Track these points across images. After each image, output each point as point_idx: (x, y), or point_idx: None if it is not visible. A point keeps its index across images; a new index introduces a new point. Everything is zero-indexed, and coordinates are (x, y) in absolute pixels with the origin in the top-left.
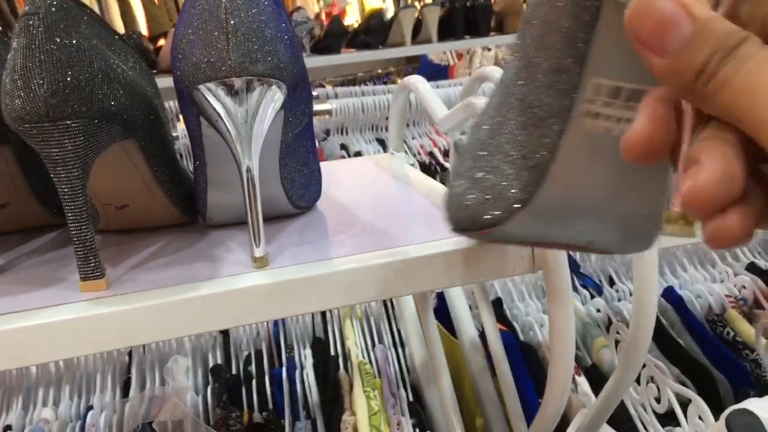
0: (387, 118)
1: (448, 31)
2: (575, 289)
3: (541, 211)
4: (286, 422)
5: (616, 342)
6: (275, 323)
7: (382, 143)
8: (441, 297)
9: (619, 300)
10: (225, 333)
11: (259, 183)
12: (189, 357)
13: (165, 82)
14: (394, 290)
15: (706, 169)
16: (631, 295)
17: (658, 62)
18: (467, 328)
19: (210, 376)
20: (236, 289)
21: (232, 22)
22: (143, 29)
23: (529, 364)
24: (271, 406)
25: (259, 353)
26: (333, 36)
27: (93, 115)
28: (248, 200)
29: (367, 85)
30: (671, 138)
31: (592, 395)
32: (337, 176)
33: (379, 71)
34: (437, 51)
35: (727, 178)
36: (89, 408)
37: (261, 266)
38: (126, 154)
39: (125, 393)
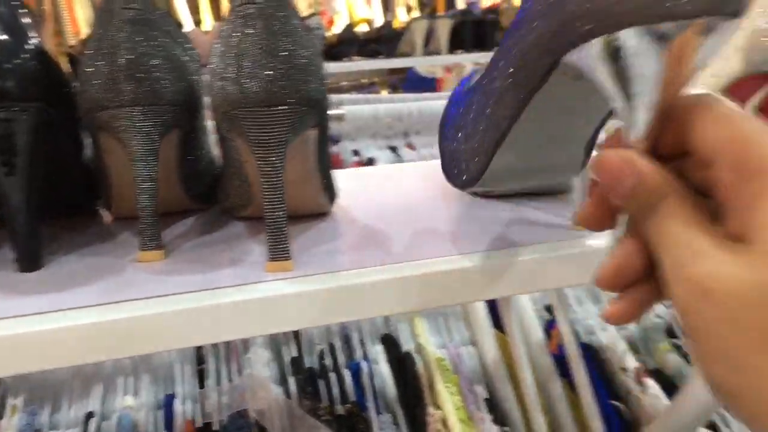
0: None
1: (456, 43)
2: None
3: None
4: (370, 415)
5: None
6: None
7: (394, 150)
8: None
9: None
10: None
11: None
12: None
13: None
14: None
15: (613, 258)
16: None
17: (613, 197)
18: (535, 330)
19: (289, 369)
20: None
21: None
22: None
23: (595, 366)
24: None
25: (332, 347)
26: (346, 43)
27: (302, 101)
28: None
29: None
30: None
31: (663, 396)
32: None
33: (363, 81)
34: (443, 63)
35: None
36: (170, 396)
37: None
38: (305, 143)
39: (201, 383)
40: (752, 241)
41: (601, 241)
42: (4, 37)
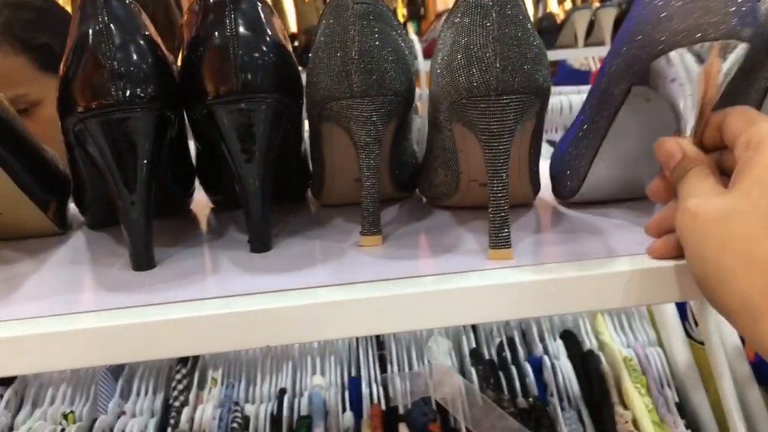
0: None
1: None
2: None
3: None
4: (554, 410)
5: None
6: None
7: (552, 144)
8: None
9: None
10: None
11: None
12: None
13: None
14: None
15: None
16: None
17: (666, 169)
18: (729, 335)
19: (468, 360)
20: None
21: None
22: (293, 26)
23: None
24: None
25: (510, 341)
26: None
27: (531, 90)
28: None
29: None
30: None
31: None
32: None
33: None
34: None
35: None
36: (355, 379)
37: None
38: (523, 132)
39: (382, 369)
40: (734, 186)
41: None
42: (247, 32)
